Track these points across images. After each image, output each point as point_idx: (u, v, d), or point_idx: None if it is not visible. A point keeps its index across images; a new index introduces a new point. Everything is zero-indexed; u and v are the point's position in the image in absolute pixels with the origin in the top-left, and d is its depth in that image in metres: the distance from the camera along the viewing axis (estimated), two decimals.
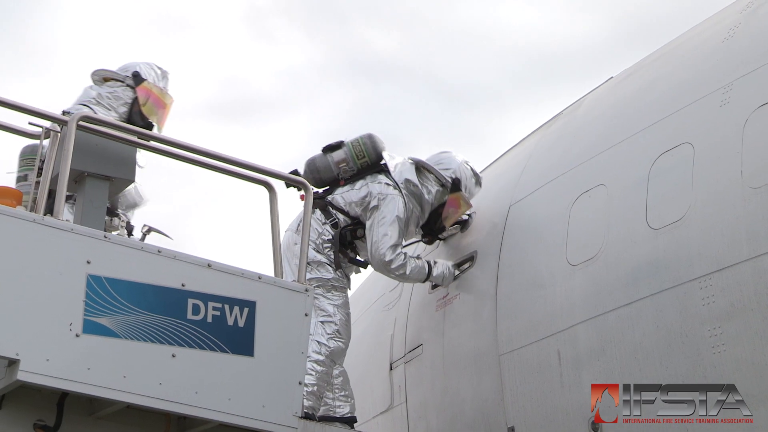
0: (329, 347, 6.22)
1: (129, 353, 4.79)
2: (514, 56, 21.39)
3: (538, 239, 6.03)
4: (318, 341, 6.18)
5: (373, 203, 6.44)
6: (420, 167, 6.65)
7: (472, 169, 6.72)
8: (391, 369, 6.93)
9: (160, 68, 6.72)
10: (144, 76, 6.58)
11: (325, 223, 6.42)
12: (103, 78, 6.59)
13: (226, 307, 5.06)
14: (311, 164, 6.61)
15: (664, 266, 5.11)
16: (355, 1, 21.16)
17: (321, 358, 6.17)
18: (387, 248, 6.32)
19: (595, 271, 5.48)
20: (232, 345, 5.05)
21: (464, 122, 21.50)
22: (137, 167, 5.48)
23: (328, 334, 6.23)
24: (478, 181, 6.74)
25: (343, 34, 21.64)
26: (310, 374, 6.06)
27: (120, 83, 6.55)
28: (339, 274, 6.38)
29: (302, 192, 5.97)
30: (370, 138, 6.64)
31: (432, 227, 6.69)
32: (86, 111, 6.02)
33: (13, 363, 4.57)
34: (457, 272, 6.55)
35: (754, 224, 4.78)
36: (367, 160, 6.60)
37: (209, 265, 5.07)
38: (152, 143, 5.55)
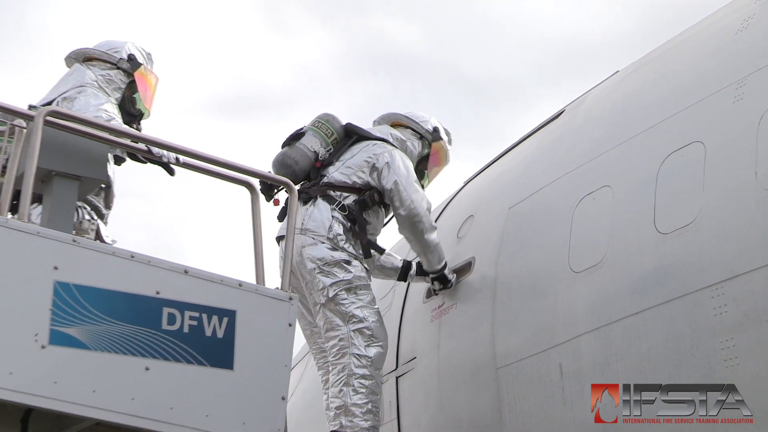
0: (370, 357, 6.12)
1: (99, 366, 4.75)
2: (541, 49, 21.39)
3: (539, 244, 6.03)
4: (358, 354, 6.10)
5: (383, 160, 6.42)
6: (395, 124, 6.79)
7: (441, 124, 6.90)
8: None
9: (143, 49, 6.66)
10: (139, 60, 6.53)
11: (333, 210, 6.31)
12: (85, 59, 6.49)
13: (204, 316, 5.02)
14: (286, 158, 6.51)
15: (673, 274, 5.11)
16: None
17: (367, 372, 6.09)
18: (420, 201, 6.36)
19: (599, 279, 5.48)
20: (211, 357, 5.01)
21: (488, 118, 21.55)
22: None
23: (365, 342, 6.13)
24: (450, 139, 6.94)
25: (362, 25, 21.63)
26: (361, 393, 6.03)
27: (111, 65, 6.47)
28: (359, 269, 6.25)
29: (277, 197, 6.02)
30: (328, 115, 6.68)
31: None
32: (54, 106, 5.99)
33: None
34: (453, 279, 6.54)
35: None
36: (336, 137, 6.60)
37: (186, 272, 5.04)
38: (126, 141, 5.50)
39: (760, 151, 4.92)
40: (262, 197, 5.57)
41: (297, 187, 6.43)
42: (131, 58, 6.52)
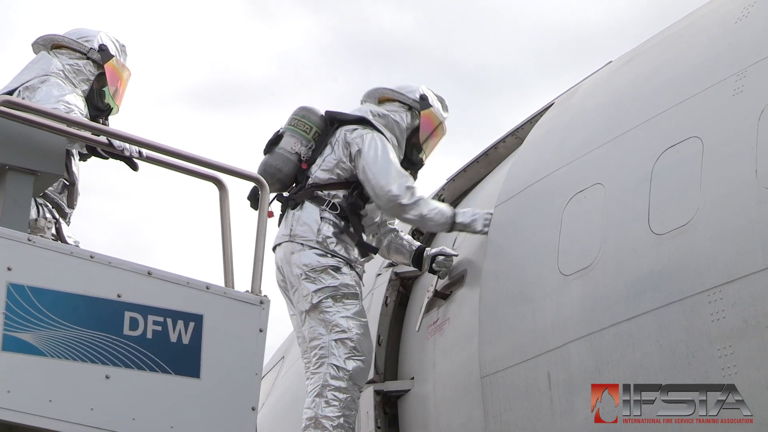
0: (348, 370, 6.04)
1: (56, 374, 4.68)
2: (539, 37, 21.27)
3: (526, 246, 5.99)
4: (336, 365, 6.02)
5: (355, 147, 6.32)
6: (383, 99, 6.67)
7: (433, 92, 6.77)
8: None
9: (117, 40, 6.56)
10: (112, 52, 6.43)
11: (323, 210, 6.24)
12: (53, 46, 6.38)
13: (169, 321, 4.95)
14: (267, 167, 6.43)
15: (669, 277, 5.06)
16: None
17: (342, 384, 6.01)
18: (392, 184, 6.20)
19: (590, 283, 5.44)
20: (176, 365, 4.94)
21: (483, 110, 21.42)
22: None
23: (346, 354, 6.06)
24: (444, 106, 6.78)
25: (351, 12, 21.45)
26: (333, 405, 5.96)
27: (80, 55, 6.37)
28: (348, 277, 6.18)
29: (271, 209, 6.01)
30: (303, 109, 6.54)
31: (412, 159, 6.63)
32: (9, 95, 5.89)
33: None
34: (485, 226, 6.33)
35: None
36: (317, 131, 6.48)
37: (149, 273, 4.96)
38: (86, 134, 5.42)
39: (760, 147, 4.85)
40: (232, 194, 5.48)
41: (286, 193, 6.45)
42: (103, 49, 6.41)
